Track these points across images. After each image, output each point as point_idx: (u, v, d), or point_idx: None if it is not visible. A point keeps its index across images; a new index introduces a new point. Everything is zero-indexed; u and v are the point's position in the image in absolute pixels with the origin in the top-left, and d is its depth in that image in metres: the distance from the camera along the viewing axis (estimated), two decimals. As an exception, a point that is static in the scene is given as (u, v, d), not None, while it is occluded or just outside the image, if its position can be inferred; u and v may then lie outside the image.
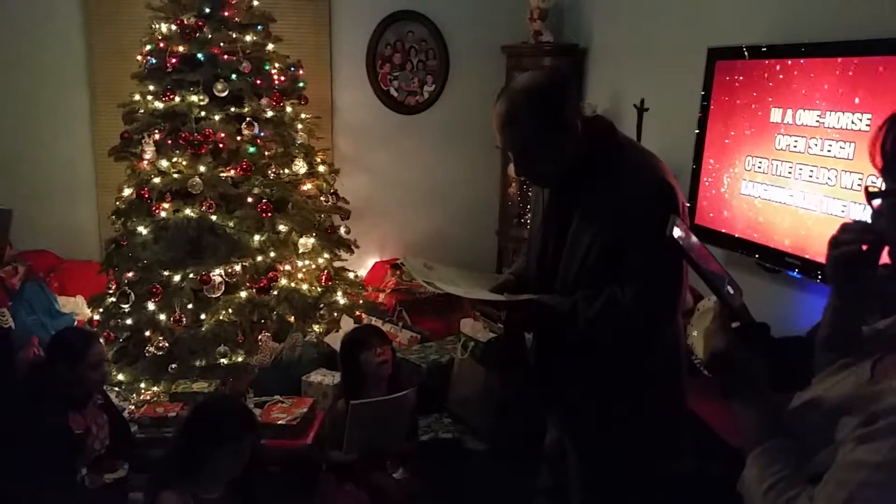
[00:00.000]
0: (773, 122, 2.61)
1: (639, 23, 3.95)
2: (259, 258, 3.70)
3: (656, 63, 3.72)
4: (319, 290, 3.96)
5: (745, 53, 2.75)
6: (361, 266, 4.80)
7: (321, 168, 4.10)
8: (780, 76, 2.58)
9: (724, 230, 2.86)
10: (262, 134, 3.77)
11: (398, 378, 2.93)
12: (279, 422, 3.04)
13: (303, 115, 4.10)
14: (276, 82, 3.90)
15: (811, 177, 2.44)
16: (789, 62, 2.55)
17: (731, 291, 1.19)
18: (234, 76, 3.69)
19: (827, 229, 1.80)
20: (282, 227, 3.76)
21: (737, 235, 2.79)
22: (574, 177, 1.83)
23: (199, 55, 3.66)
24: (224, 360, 3.59)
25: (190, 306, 3.60)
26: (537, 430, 3.32)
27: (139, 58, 3.83)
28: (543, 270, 1.94)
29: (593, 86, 4.47)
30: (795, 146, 2.51)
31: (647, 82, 3.71)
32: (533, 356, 2.12)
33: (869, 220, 1.08)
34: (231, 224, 3.63)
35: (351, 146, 4.92)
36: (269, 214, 3.67)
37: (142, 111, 3.72)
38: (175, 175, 3.59)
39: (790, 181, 2.53)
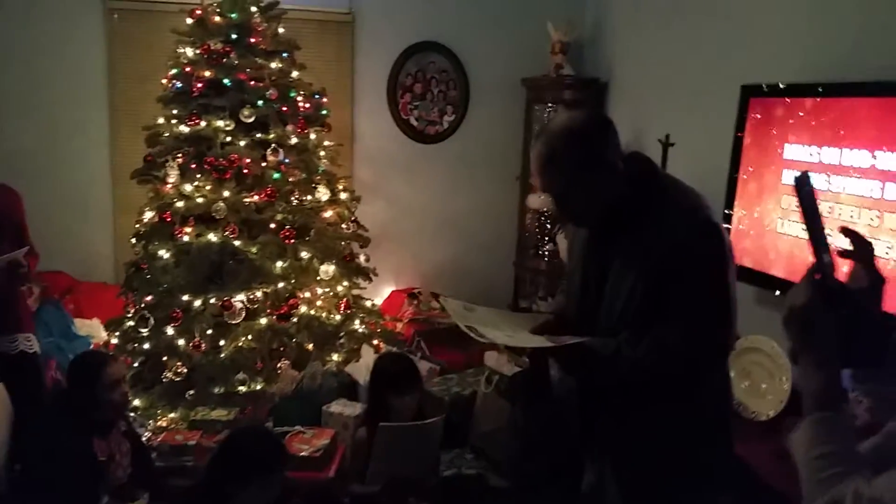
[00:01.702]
0: (809, 160, 2.61)
1: (663, 58, 3.97)
2: (280, 284, 3.67)
3: (682, 98, 3.73)
4: (338, 318, 3.92)
5: (782, 90, 2.75)
6: (377, 294, 4.77)
7: (343, 195, 4.09)
8: (819, 114, 2.58)
9: (756, 268, 2.84)
10: (286, 160, 3.76)
11: (424, 413, 2.88)
12: (301, 453, 2.97)
13: (325, 143, 4.10)
14: (301, 109, 3.90)
15: (851, 218, 2.42)
16: (828, 100, 2.55)
17: (827, 259, 1.14)
18: (260, 102, 3.69)
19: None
20: (303, 254, 3.73)
21: (773, 274, 2.77)
22: (614, 216, 1.81)
23: (226, 80, 3.65)
24: (243, 388, 3.54)
25: (209, 332, 3.56)
26: (561, 468, 3.28)
27: (164, 81, 3.83)
28: (584, 311, 1.91)
29: (615, 120, 4.44)
30: (844, 187, 2.49)
31: (672, 117, 3.72)
32: (574, 396, 2.08)
33: None
34: (253, 250, 3.60)
35: (370, 174, 4.91)
36: (292, 241, 3.65)
37: (166, 135, 3.71)
38: (199, 199, 3.57)
39: (828, 221, 2.51)
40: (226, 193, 3.58)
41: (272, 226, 3.67)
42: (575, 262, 1.99)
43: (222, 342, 3.55)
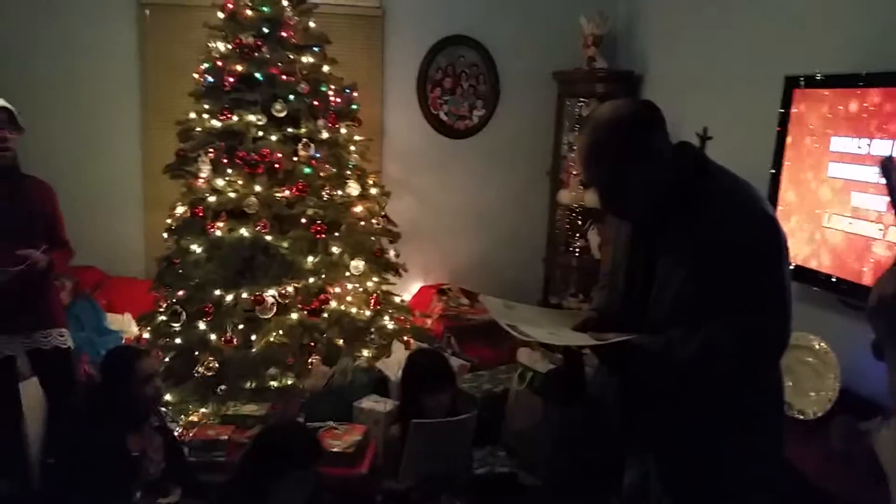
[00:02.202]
0: (858, 153, 2.52)
1: (699, 49, 3.89)
2: (311, 280, 3.65)
3: (719, 90, 3.65)
4: (368, 314, 3.89)
5: (827, 81, 2.67)
6: (406, 290, 4.73)
7: (373, 190, 4.06)
8: (868, 105, 2.50)
9: (803, 264, 2.76)
10: (317, 155, 3.74)
11: (457, 411, 2.84)
12: (334, 449, 2.96)
13: (356, 137, 4.07)
14: (332, 104, 3.87)
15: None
16: (878, 90, 2.46)
17: None
18: (291, 97, 3.67)
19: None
20: (334, 249, 3.70)
21: (818, 270, 2.69)
22: (662, 208, 1.74)
23: (258, 75, 3.63)
24: (274, 383, 3.52)
25: (241, 327, 3.54)
26: (596, 467, 3.23)
27: (195, 76, 3.81)
28: (629, 307, 1.85)
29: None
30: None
31: (710, 110, 3.64)
32: (610, 393, 2.03)
33: None
34: (285, 245, 3.57)
35: (399, 169, 4.88)
36: (323, 236, 3.63)
37: (198, 129, 3.69)
38: (231, 194, 3.55)
39: (875, 215, 2.43)
40: (257, 188, 3.56)
41: (303, 221, 3.63)
42: (619, 257, 1.93)
43: (253, 337, 3.52)
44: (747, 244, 1.64)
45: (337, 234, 3.74)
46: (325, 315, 3.65)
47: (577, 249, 4.78)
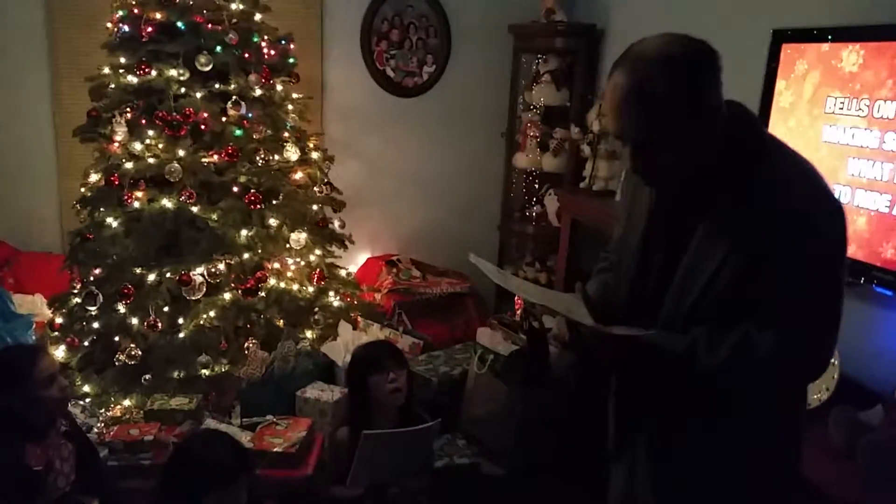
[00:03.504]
0: (857, 115, 2.27)
1: (665, 2, 3.59)
2: (245, 255, 3.29)
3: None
4: (311, 290, 3.56)
5: (823, 34, 2.40)
6: (351, 263, 4.39)
7: (314, 155, 3.68)
8: (871, 61, 2.24)
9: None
10: (249, 115, 3.34)
11: (412, 407, 2.54)
12: (275, 448, 2.64)
13: (294, 95, 3.67)
14: (266, 57, 3.47)
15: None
16: (882, 44, 2.20)
17: None
18: (218, 48, 3.25)
19: None
20: (271, 221, 3.34)
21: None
22: (702, 178, 1.41)
23: (180, 23, 3.20)
24: (205, 371, 3.17)
25: (166, 309, 3.17)
26: (560, 454, 2.99)
27: (109, 25, 3.36)
28: (640, 296, 1.52)
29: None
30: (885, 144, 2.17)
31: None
32: (574, 381, 1.75)
33: None
34: (214, 216, 3.20)
35: (341, 130, 4.49)
36: (258, 206, 3.25)
37: (112, 86, 3.26)
38: (150, 160, 3.15)
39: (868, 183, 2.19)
40: (181, 153, 3.16)
41: (235, 189, 3.26)
42: (631, 234, 1.58)
43: (181, 320, 3.17)
44: (810, 233, 1.32)
45: (274, 203, 3.37)
46: (263, 294, 3.32)
47: (535, 216, 4.50)
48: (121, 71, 3.26)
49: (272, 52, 3.49)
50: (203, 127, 3.20)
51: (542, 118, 4.36)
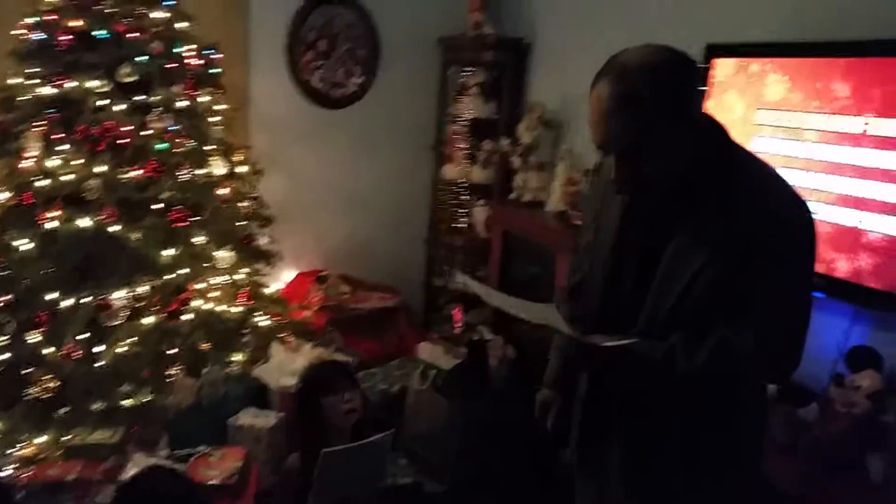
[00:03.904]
0: (787, 125, 2.37)
1: (595, 15, 3.65)
2: (169, 276, 3.12)
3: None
4: (239, 311, 3.41)
5: (753, 49, 2.49)
6: (276, 279, 4.25)
7: (242, 168, 3.54)
8: (798, 76, 2.33)
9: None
10: (173, 128, 3.17)
11: (362, 426, 2.47)
12: (211, 481, 2.50)
13: (219, 107, 3.52)
14: (190, 67, 3.30)
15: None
16: (809, 60, 2.30)
17: None
18: (140, 59, 3.07)
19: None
20: (197, 239, 3.18)
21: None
22: (680, 185, 1.45)
23: (99, 32, 3.01)
24: (127, 402, 2.98)
25: (83, 337, 2.96)
26: (501, 468, 2.97)
27: (19, 32, 3.12)
28: (612, 304, 1.55)
29: (539, 84, 4.14)
30: (826, 155, 2.27)
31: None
32: (580, 407, 1.74)
33: None
34: (135, 236, 3.02)
35: (266, 143, 4.32)
36: (183, 224, 3.09)
37: (23, 98, 3.03)
38: (66, 177, 2.94)
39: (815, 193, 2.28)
40: (100, 169, 2.97)
41: (157, 206, 3.09)
42: (603, 241, 1.60)
43: (100, 348, 2.97)
44: (786, 237, 1.39)
45: (200, 219, 3.21)
46: (188, 317, 3.14)
47: (463, 227, 4.48)
48: (35, 81, 3.04)
49: (198, 62, 3.33)
50: (124, 141, 3.01)
51: (470, 130, 4.35)
